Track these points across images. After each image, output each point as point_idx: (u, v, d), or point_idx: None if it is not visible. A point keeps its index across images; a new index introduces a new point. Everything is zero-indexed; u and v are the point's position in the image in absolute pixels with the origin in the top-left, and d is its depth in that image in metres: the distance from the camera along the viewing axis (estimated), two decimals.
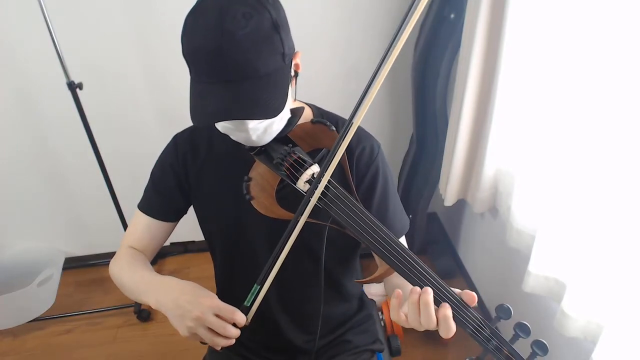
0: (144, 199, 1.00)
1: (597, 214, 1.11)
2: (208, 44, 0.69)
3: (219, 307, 0.75)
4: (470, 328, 0.71)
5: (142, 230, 0.99)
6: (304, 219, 0.75)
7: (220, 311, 0.75)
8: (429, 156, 1.93)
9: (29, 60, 1.73)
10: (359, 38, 1.84)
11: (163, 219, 0.99)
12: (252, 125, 0.77)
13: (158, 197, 0.98)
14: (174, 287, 0.81)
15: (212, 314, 0.75)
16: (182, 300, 0.77)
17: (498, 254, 1.80)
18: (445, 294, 0.72)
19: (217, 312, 0.75)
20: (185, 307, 0.76)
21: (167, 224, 1.00)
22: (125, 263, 0.94)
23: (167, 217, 1.00)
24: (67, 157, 1.99)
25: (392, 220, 0.95)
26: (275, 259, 0.77)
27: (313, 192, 0.75)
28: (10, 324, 1.98)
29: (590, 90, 1.10)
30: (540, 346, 0.68)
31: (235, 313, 0.76)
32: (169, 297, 0.79)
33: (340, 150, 0.74)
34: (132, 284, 0.89)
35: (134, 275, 0.90)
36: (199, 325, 0.75)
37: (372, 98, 0.70)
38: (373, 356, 1.14)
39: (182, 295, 0.78)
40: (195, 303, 0.75)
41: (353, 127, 0.74)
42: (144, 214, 0.99)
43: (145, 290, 0.85)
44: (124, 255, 0.96)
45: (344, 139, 0.74)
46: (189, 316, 0.75)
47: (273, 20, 0.71)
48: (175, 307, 0.77)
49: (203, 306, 0.75)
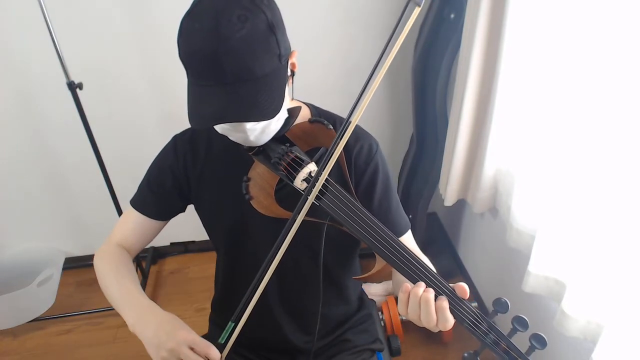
0: (138, 196, 1.00)
1: (597, 214, 1.11)
2: (204, 48, 0.69)
3: (194, 341, 0.78)
4: (468, 322, 0.71)
5: (133, 228, 1.00)
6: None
7: (196, 345, 0.77)
8: (429, 156, 1.93)
9: (29, 60, 1.73)
10: (360, 38, 1.84)
11: (156, 217, 1.00)
12: (250, 126, 0.77)
13: (153, 196, 0.98)
14: (155, 316, 0.83)
15: (187, 346, 0.77)
16: (160, 330, 0.79)
17: (498, 254, 1.80)
18: (443, 290, 0.72)
19: (192, 345, 0.77)
20: (162, 337, 0.78)
21: (159, 223, 1.01)
22: (112, 265, 0.94)
23: (160, 216, 1.00)
24: (67, 157, 1.99)
25: (395, 217, 0.95)
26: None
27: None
28: (10, 324, 1.98)
29: (590, 91, 1.10)
30: (538, 339, 0.68)
31: (210, 348, 0.78)
32: (150, 324, 0.81)
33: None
34: (116, 294, 0.89)
35: (121, 286, 0.90)
36: (173, 356, 0.77)
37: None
38: (373, 356, 1.14)
39: (162, 324, 0.80)
40: (172, 335, 0.78)
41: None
42: (136, 211, 0.99)
43: (127, 307, 0.86)
44: (112, 255, 0.96)
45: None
46: (164, 347, 0.77)
47: (269, 22, 0.71)
48: (152, 336, 0.79)
49: (179, 338, 0.77)
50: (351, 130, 0.74)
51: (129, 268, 0.95)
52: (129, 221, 1.00)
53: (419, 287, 0.71)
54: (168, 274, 2.28)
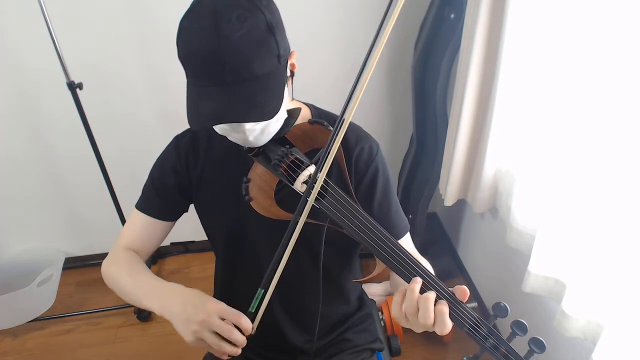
0: (143, 198, 1.00)
1: (597, 214, 1.11)
2: (203, 48, 0.69)
3: (225, 311, 0.76)
4: (467, 327, 0.71)
5: (141, 230, 0.99)
6: (302, 220, 0.75)
7: (226, 314, 0.76)
8: (429, 156, 1.93)
9: (29, 60, 1.73)
10: (360, 38, 1.83)
11: (163, 218, 0.99)
12: (249, 127, 0.77)
13: (158, 197, 0.98)
14: (180, 293, 0.81)
15: (218, 317, 0.75)
16: (188, 305, 0.77)
17: (498, 254, 1.80)
18: (443, 293, 0.72)
19: (222, 315, 0.75)
20: (190, 310, 0.76)
21: (167, 224, 1.00)
22: (123, 265, 0.93)
23: (167, 216, 0.99)
24: (67, 157, 1.99)
25: (395, 219, 0.95)
26: (278, 262, 0.76)
27: (309, 192, 0.75)
28: (10, 324, 1.98)
29: (590, 91, 1.10)
30: (537, 343, 0.68)
31: (241, 317, 0.76)
32: (176, 302, 0.79)
33: (333, 149, 0.74)
34: (133, 287, 0.88)
35: (137, 279, 0.89)
36: (205, 328, 0.75)
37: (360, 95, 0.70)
38: (373, 355, 1.14)
39: (189, 299, 0.79)
40: (201, 306, 0.76)
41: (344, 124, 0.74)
42: (142, 214, 0.98)
43: (149, 294, 0.85)
44: (121, 258, 0.95)
45: (336, 137, 0.73)
46: (194, 319, 0.75)
47: (268, 22, 0.71)
48: (181, 312, 0.77)
49: (209, 309, 0.75)
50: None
51: (140, 263, 0.94)
52: (136, 224, 0.99)
53: (415, 283, 0.69)
54: (168, 274, 2.28)
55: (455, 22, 1.59)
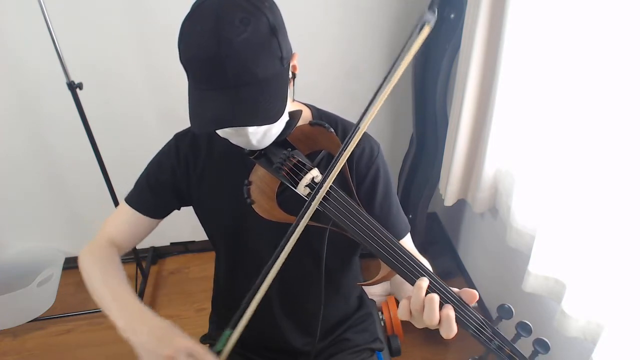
0: (135, 193, 0.99)
1: (597, 214, 1.11)
2: (206, 52, 0.68)
3: (193, 349, 0.75)
4: (472, 329, 0.71)
5: (128, 224, 0.99)
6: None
7: (194, 352, 0.75)
8: (429, 156, 1.93)
9: (29, 60, 1.73)
10: (360, 38, 1.83)
11: (152, 215, 0.99)
12: (252, 130, 0.76)
13: (151, 194, 0.97)
14: (150, 320, 0.81)
15: (185, 354, 0.75)
16: (154, 336, 0.77)
17: (498, 254, 1.80)
18: (447, 295, 0.71)
19: (190, 352, 0.75)
20: (156, 343, 0.76)
21: (154, 221, 1.00)
22: (99, 264, 0.92)
23: (156, 214, 0.99)
24: (67, 157, 1.99)
25: (395, 220, 0.95)
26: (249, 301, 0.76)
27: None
28: (10, 324, 1.98)
29: (590, 91, 1.10)
30: (541, 344, 0.69)
31: (207, 356, 0.75)
32: (143, 329, 0.78)
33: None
34: (104, 292, 0.87)
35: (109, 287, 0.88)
36: None
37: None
38: (373, 355, 1.14)
39: (157, 330, 0.78)
40: (169, 341, 0.76)
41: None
42: (131, 209, 0.98)
43: (117, 310, 0.84)
44: (103, 251, 0.95)
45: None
46: (160, 352, 0.75)
47: (270, 25, 0.71)
48: (147, 341, 0.77)
49: (178, 345, 0.75)
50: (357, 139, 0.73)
51: (118, 267, 0.93)
52: (123, 218, 0.99)
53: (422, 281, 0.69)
54: (168, 274, 2.28)
55: (455, 22, 1.59)
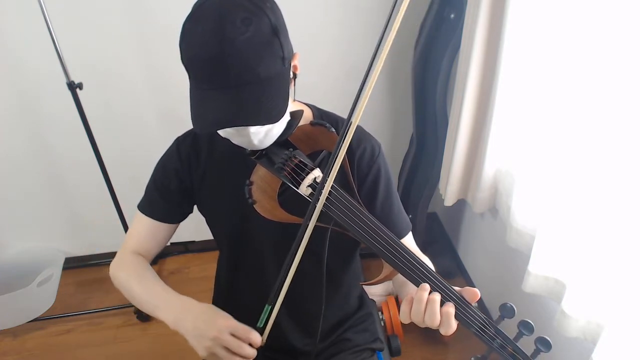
0: (146, 202, 0.99)
1: (597, 214, 1.11)
2: (208, 52, 0.68)
3: (235, 327, 0.79)
4: (475, 327, 0.71)
5: (146, 233, 0.99)
6: (310, 229, 0.75)
7: (236, 331, 0.79)
8: (429, 156, 1.93)
9: (29, 60, 1.73)
10: (359, 38, 1.84)
11: (168, 221, 0.99)
12: (253, 130, 0.76)
13: (161, 199, 0.97)
14: (192, 308, 0.84)
15: (229, 333, 0.78)
16: (199, 321, 0.80)
17: (498, 254, 1.81)
18: (449, 294, 0.72)
19: (233, 331, 0.78)
20: (202, 327, 0.79)
21: (172, 225, 1.01)
22: (133, 272, 0.95)
23: (172, 219, 1.00)
24: (67, 157, 1.99)
25: (397, 219, 0.95)
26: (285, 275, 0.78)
27: (318, 199, 0.75)
28: (10, 324, 1.98)
29: (590, 91, 1.10)
30: (543, 343, 0.69)
31: (251, 332, 0.79)
32: (188, 318, 0.82)
33: (340, 155, 0.73)
34: (146, 297, 0.91)
35: (149, 289, 0.91)
36: (216, 344, 0.78)
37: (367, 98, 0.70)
38: (373, 355, 1.14)
39: (200, 315, 0.81)
40: (212, 323, 0.79)
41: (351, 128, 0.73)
42: (146, 217, 0.98)
43: (162, 307, 0.87)
44: (131, 263, 0.96)
45: (343, 143, 0.73)
46: (206, 336, 0.78)
47: (272, 25, 0.71)
48: (193, 328, 0.80)
49: (220, 326, 0.78)
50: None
51: (151, 271, 0.96)
52: (140, 227, 0.99)
53: (423, 291, 0.70)
54: (168, 274, 2.28)
55: (455, 22, 1.60)
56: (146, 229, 0.99)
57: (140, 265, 0.96)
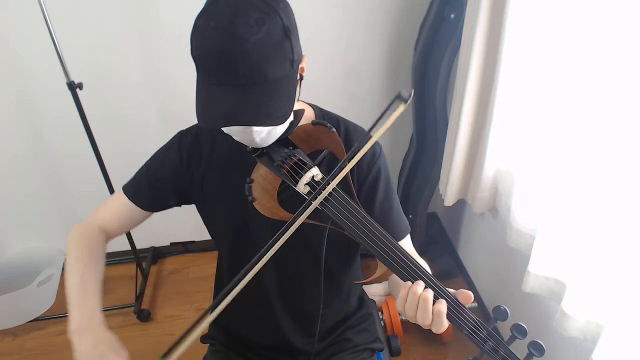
0: (133, 185, 1.00)
1: (597, 214, 1.11)
2: (219, 48, 0.68)
3: None
4: (467, 329, 0.71)
5: (120, 215, 1.00)
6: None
7: None
8: (429, 156, 1.93)
9: (29, 60, 1.73)
10: (360, 39, 1.84)
11: (147, 209, 1.00)
12: (257, 128, 0.76)
13: (150, 188, 0.98)
14: (97, 331, 0.84)
15: None
16: (96, 348, 0.81)
17: (498, 254, 1.81)
18: (442, 296, 0.72)
19: None
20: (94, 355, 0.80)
21: (148, 213, 1.01)
22: (83, 256, 0.94)
23: (151, 208, 1.01)
24: (67, 157, 1.99)
25: (395, 221, 0.95)
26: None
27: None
28: (10, 324, 1.98)
29: (590, 91, 1.10)
30: (536, 347, 0.69)
31: None
32: (88, 338, 0.82)
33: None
34: (74, 289, 0.89)
35: (81, 285, 0.90)
36: None
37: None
38: (373, 355, 1.14)
39: (100, 343, 0.82)
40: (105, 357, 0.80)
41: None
42: (127, 199, 0.99)
43: (75, 310, 0.86)
44: (89, 242, 0.96)
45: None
46: None
47: (284, 26, 0.71)
48: (87, 351, 0.81)
49: None
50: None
51: (100, 265, 0.95)
52: (117, 206, 1.00)
53: (418, 286, 0.71)
54: (168, 274, 2.28)
55: (455, 22, 1.60)
56: (122, 210, 1.00)
57: (96, 251, 0.96)
